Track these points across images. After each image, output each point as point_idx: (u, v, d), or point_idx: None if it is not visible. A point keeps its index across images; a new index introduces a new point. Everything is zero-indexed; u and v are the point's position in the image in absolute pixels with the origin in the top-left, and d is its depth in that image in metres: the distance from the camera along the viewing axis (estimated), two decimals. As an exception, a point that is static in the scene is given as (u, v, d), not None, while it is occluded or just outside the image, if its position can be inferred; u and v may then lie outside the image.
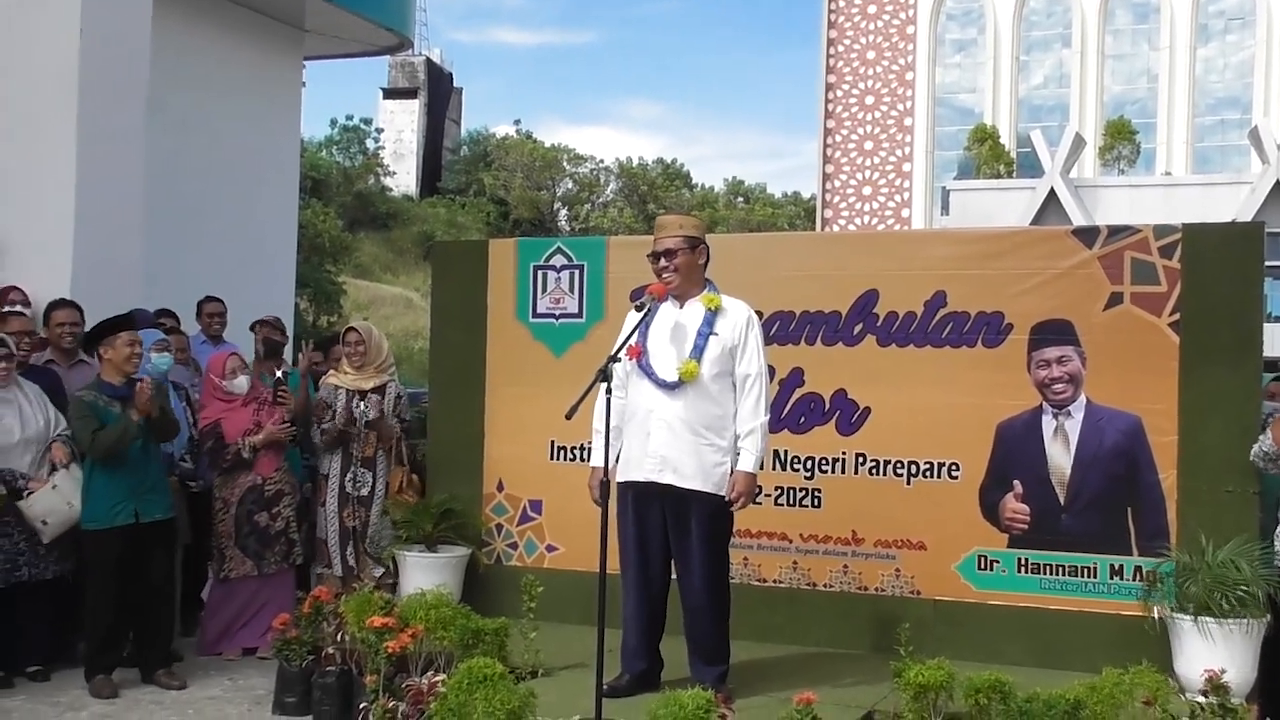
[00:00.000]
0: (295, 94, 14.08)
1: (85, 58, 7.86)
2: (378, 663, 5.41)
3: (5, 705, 6.03)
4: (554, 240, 7.28)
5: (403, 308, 37.96)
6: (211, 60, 12.21)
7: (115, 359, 6.43)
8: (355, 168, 45.71)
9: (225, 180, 12.39)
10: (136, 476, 6.36)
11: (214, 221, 12.06)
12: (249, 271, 12.03)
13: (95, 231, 7.88)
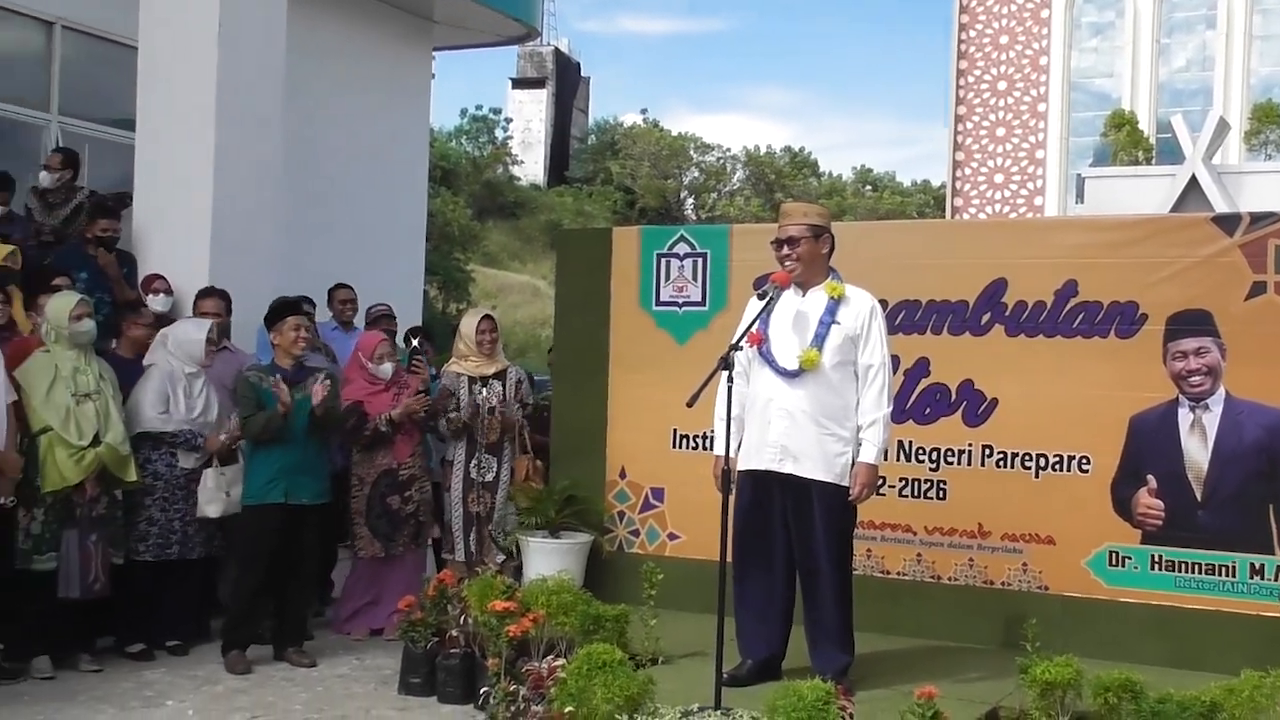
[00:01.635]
0: (425, 84, 14.28)
1: (224, 48, 8.06)
2: (499, 646, 5.48)
3: (147, 677, 6.25)
4: (678, 228, 7.28)
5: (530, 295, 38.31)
6: (344, 51, 12.45)
7: (282, 343, 6.64)
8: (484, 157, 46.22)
9: (357, 169, 12.63)
10: (290, 459, 6.54)
11: (345, 210, 12.30)
12: (379, 259, 12.25)
13: (233, 220, 8.09)
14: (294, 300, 6.92)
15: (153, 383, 6.62)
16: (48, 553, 6.09)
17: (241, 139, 8.16)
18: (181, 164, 8.09)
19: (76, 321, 6.29)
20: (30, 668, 6.13)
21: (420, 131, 14.50)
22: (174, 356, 6.70)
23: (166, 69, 8.19)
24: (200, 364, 6.75)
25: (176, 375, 6.67)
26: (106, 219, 8.01)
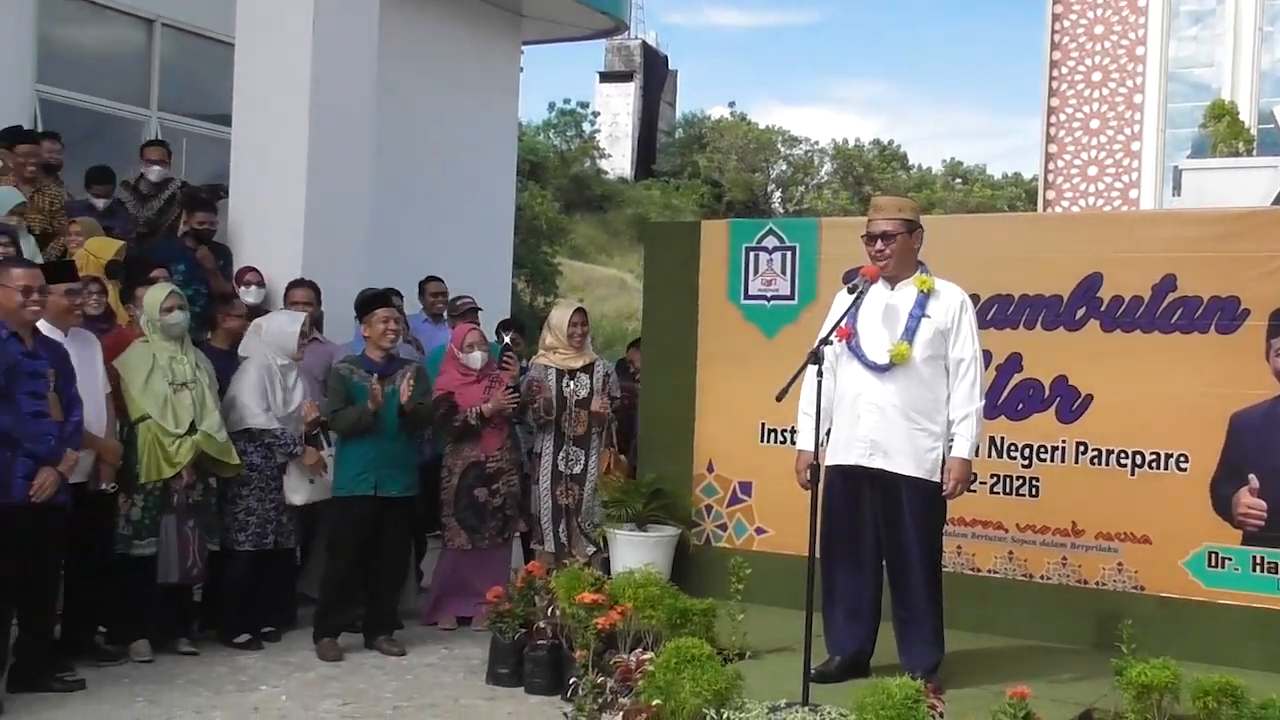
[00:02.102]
0: (513, 78, 14.37)
1: (318, 44, 8.17)
2: (587, 638, 5.50)
3: (241, 662, 6.37)
4: (766, 221, 7.25)
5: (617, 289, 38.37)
6: (434, 46, 12.56)
7: (372, 335, 6.71)
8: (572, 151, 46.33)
9: (446, 163, 12.75)
10: (379, 451, 6.60)
11: (435, 203, 12.42)
12: (468, 252, 12.35)
13: (326, 213, 8.20)
14: (382, 292, 6.99)
15: (251, 378, 6.71)
16: (147, 538, 6.23)
17: (334, 133, 8.26)
18: (276, 158, 8.21)
19: (167, 313, 6.41)
20: (130, 650, 6.27)
21: (509, 126, 14.60)
22: (267, 348, 6.80)
23: (262, 65, 8.32)
24: (292, 357, 6.84)
25: (272, 369, 6.77)
26: (203, 212, 8.16)
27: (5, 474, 5.36)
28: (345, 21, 8.36)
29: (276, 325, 6.89)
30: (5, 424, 5.35)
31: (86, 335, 6.10)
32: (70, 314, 5.94)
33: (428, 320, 8.70)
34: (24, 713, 5.41)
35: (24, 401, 5.42)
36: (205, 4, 10.43)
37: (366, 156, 8.59)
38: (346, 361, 6.78)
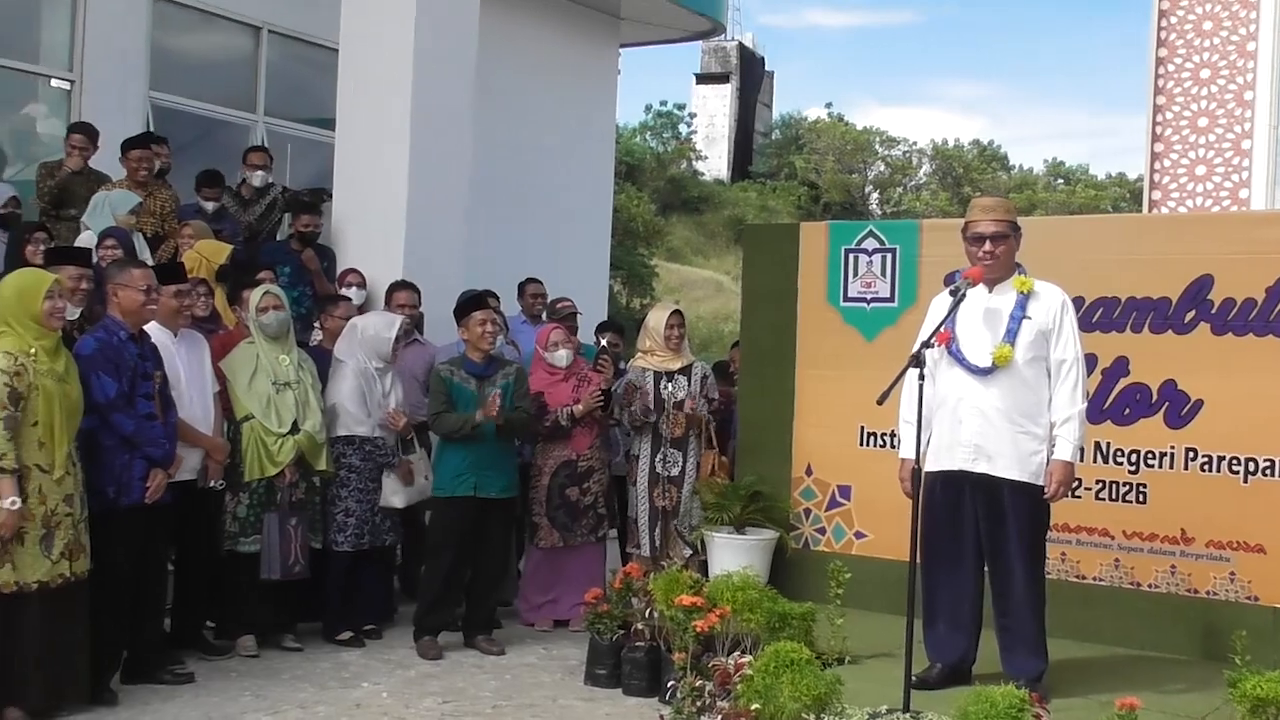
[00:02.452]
0: (611, 81, 14.42)
1: (419, 50, 8.26)
2: (685, 641, 5.49)
3: (344, 658, 6.46)
4: (866, 223, 7.19)
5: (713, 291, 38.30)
6: (532, 48, 12.64)
7: (470, 337, 6.77)
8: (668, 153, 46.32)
9: (544, 165, 12.83)
10: (478, 453, 6.65)
11: (533, 205, 12.50)
12: (565, 254, 12.42)
13: (427, 215, 8.29)
14: (480, 294, 7.04)
15: (347, 383, 6.78)
16: (252, 535, 6.34)
17: (435, 137, 8.35)
18: (378, 162, 8.33)
19: (263, 314, 6.53)
20: (237, 645, 6.40)
21: (607, 128, 14.65)
22: (362, 351, 6.87)
23: (365, 69, 8.44)
24: (387, 360, 6.90)
25: (368, 372, 6.83)
26: (308, 215, 8.31)
27: (126, 476, 5.51)
28: (446, 26, 8.44)
29: (372, 329, 6.94)
30: (130, 429, 5.50)
31: (195, 336, 6.24)
32: (179, 315, 6.07)
33: (526, 321, 8.76)
34: (137, 703, 5.55)
35: (139, 404, 5.57)
36: (310, 11, 10.62)
37: (466, 159, 8.67)
38: (447, 363, 6.84)
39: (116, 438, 5.47)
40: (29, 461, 5.04)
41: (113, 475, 5.47)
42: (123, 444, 5.49)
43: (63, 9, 9.92)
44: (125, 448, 5.50)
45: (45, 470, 5.10)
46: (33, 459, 5.06)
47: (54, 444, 5.12)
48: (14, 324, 5.13)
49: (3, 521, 4.94)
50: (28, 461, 5.04)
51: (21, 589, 5.04)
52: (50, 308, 5.18)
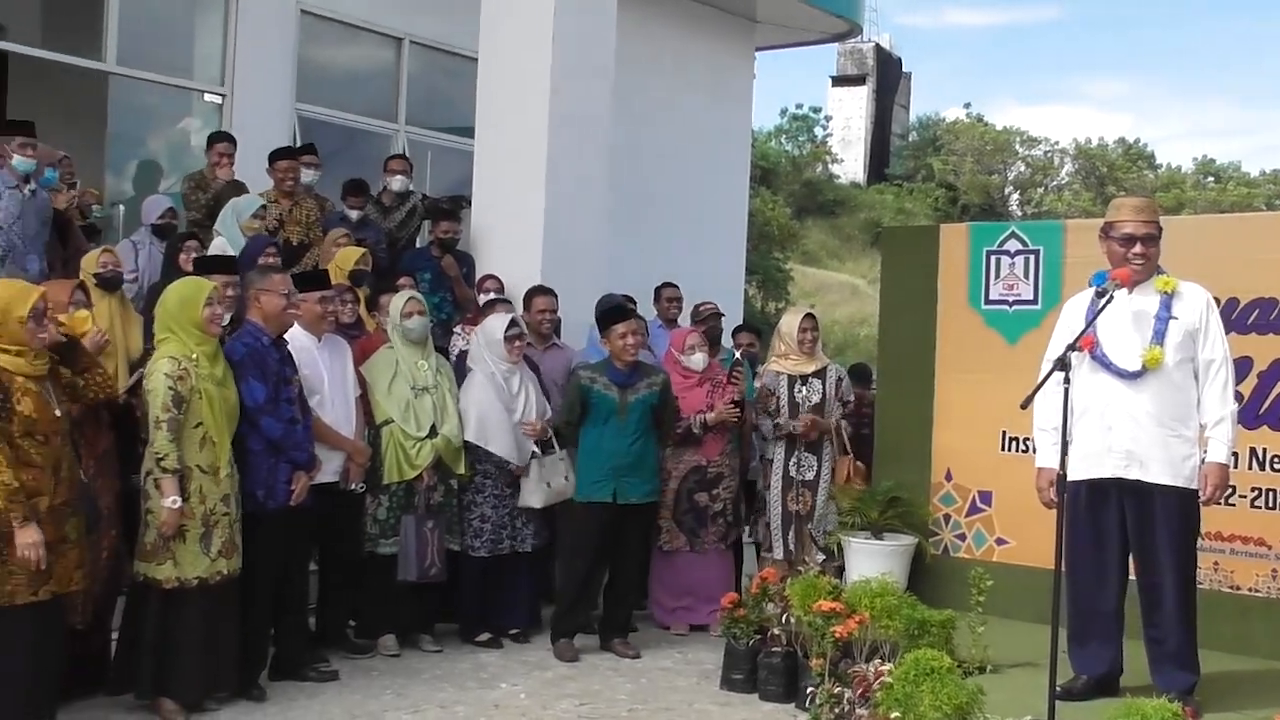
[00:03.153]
0: (747, 85, 14.39)
1: (557, 57, 8.33)
2: (824, 647, 5.44)
3: (483, 660, 6.54)
4: (1008, 224, 7.05)
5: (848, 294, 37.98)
6: (669, 54, 12.68)
7: (613, 349, 6.79)
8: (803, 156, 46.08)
9: (680, 169, 12.85)
10: (618, 460, 6.67)
11: (668, 209, 12.53)
12: (701, 258, 12.41)
13: (564, 221, 8.35)
14: (621, 304, 7.05)
15: (476, 393, 6.84)
16: (391, 538, 6.46)
17: (573, 143, 8.41)
18: (516, 168, 8.42)
19: (407, 319, 6.64)
20: (379, 645, 6.52)
21: (742, 132, 14.63)
22: (487, 354, 6.92)
23: (504, 77, 8.55)
24: (508, 360, 6.93)
25: (496, 377, 6.88)
26: (448, 221, 8.44)
27: (272, 480, 5.67)
28: (584, 33, 8.50)
29: (488, 330, 6.97)
30: (278, 432, 5.65)
31: (338, 341, 6.37)
32: (323, 321, 6.20)
33: (662, 325, 8.77)
34: (284, 699, 5.69)
35: (282, 409, 5.72)
36: (450, 21, 10.80)
37: (603, 164, 8.72)
38: (590, 370, 6.86)
39: (263, 442, 5.62)
40: (190, 462, 5.24)
41: (260, 479, 5.62)
42: (269, 448, 5.64)
43: (215, 25, 10.25)
44: (271, 452, 5.65)
45: (205, 471, 5.29)
46: (194, 460, 5.25)
47: (216, 445, 5.31)
48: (177, 330, 5.35)
49: (166, 520, 5.14)
50: (189, 462, 5.24)
51: (182, 585, 5.23)
52: (210, 314, 5.37)
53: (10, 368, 4.66)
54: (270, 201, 8.10)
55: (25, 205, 7.02)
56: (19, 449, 4.65)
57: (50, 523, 4.71)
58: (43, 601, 4.71)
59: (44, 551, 4.60)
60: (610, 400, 6.70)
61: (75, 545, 4.87)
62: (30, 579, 4.65)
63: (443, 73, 11.82)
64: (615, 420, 6.69)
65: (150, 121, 10.84)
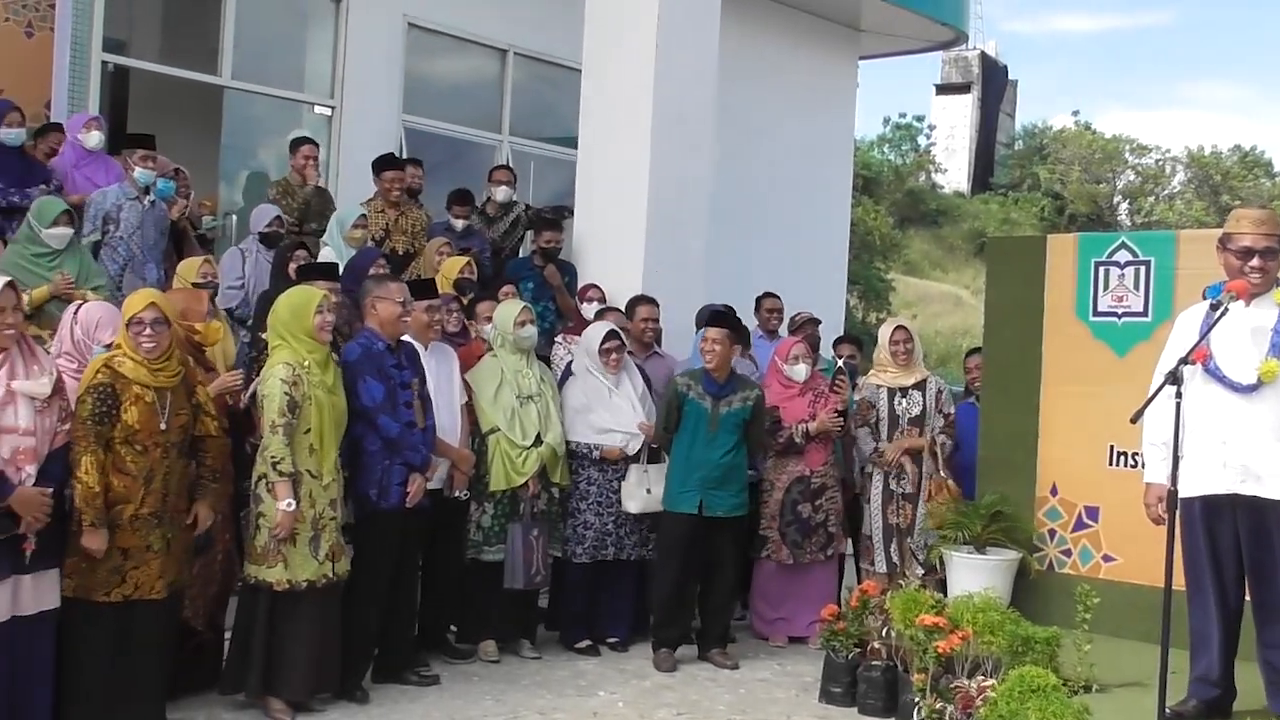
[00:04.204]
0: (850, 94, 14.33)
1: (661, 64, 8.36)
2: (925, 661, 5.39)
3: (581, 667, 6.59)
4: (1118, 235, 6.91)
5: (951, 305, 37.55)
6: (771, 62, 12.67)
7: (700, 351, 6.81)
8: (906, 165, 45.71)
9: (782, 179, 12.83)
10: (706, 472, 6.67)
11: (771, 219, 12.51)
12: (802, 268, 12.37)
13: (666, 230, 8.37)
14: (720, 310, 7.06)
15: (573, 399, 6.91)
16: (495, 545, 6.53)
17: (675, 153, 8.43)
18: (619, 178, 8.46)
19: (520, 328, 6.70)
20: (479, 650, 6.60)
21: (845, 141, 14.57)
22: (588, 361, 6.97)
23: (607, 88, 8.60)
24: (608, 370, 6.94)
25: (593, 383, 6.93)
26: (550, 231, 8.52)
27: (386, 481, 5.78)
28: (687, 44, 8.52)
29: (586, 340, 7.04)
30: (395, 432, 5.76)
31: (445, 349, 6.47)
32: (430, 329, 6.30)
33: (762, 336, 8.76)
34: (386, 702, 5.79)
35: (400, 412, 5.82)
36: (554, 32, 10.90)
37: (706, 174, 8.73)
38: (687, 376, 6.87)
39: (379, 443, 5.74)
40: (301, 467, 5.37)
41: (374, 480, 5.74)
42: (384, 449, 5.75)
43: (325, 39, 10.46)
44: (386, 453, 5.76)
45: (315, 476, 5.41)
46: (304, 465, 5.38)
47: (323, 451, 5.43)
48: (289, 338, 5.48)
49: (280, 522, 5.27)
50: (300, 467, 5.36)
51: (292, 587, 5.35)
52: (320, 322, 5.50)
53: (130, 375, 4.80)
54: (376, 211, 8.24)
55: (145, 216, 7.25)
56: (115, 454, 4.79)
57: (133, 531, 4.85)
58: (121, 604, 4.85)
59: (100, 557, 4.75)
60: (703, 410, 6.70)
61: (159, 555, 4.95)
62: (105, 580, 4.79)
63: (546, 83, 11.93)
64: (706, 431, 6.70)
65: (262, 133, 11.10)
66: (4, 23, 7.84)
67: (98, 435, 4.72)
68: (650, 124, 8.33)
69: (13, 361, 4.58)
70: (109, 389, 4.76)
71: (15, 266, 6.25)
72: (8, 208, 7.12)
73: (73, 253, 6.64)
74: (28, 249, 6.52)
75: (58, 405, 4.71)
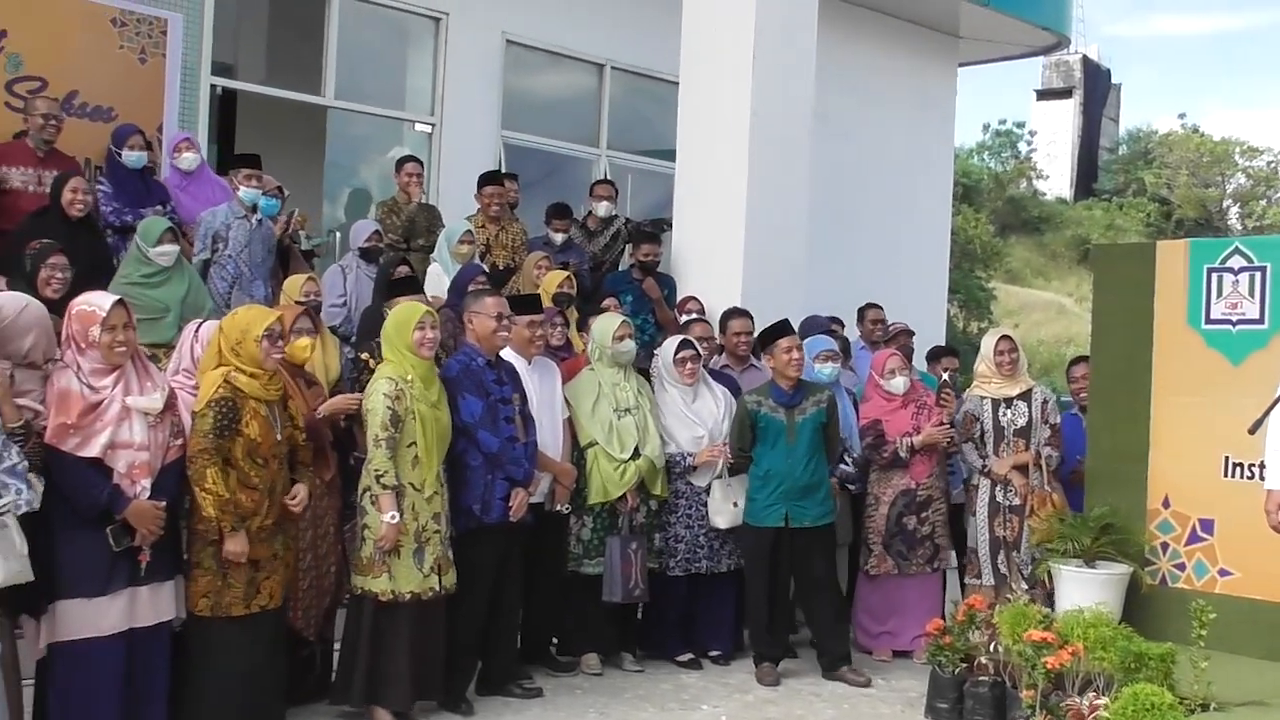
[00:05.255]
0: (949, 101, 14.19)
1: (758, 76, 8.34)
2: (1035, 678, 5.28)
3: (684, 681, 6.56)
4: (1231, 240, 6.73)
5: (1054, 314, 36.97)
6: (869, 71, 12.60)
7: (778, 365, 6.76)
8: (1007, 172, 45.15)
9: (881, 188, 12.73)
10: (789, 483, 6.61)
11: (870, 229, 12.42)
12: (902, 278, 12.26)
13: (765, 242, 8.34)
14: (783, 322, 6.97)
15: (664, 407, 6.89)
16: (595, 558, 6.54)
17: (773, 165, 8.40)
18: (718, 191, 8.45)
19: (619, 342, 6.71)
20: (581, 663, 6.61)
21: (944, 149, 14.42)
22: (667, 375, 6.94)
23: (705, 100, 8.60)
24: (683, 382, 6.90)
25: (676, 396, 6.91)
26: (649, 244, 8.53)
27: (489, 496, 5.82)
28: (784, 55, 8.49)
29: (663, 352, 7.03)
30: (495, 447, 5.80)
31: (548, 364, 6.51)
32: (532, 344, 6.34)
33: (865, 347, 8.69)
34: (490, 714, 5.82)
35: (501, 427, 5.86)
36: (651, 46, 10.93)
37: (803, 185, 8.68)
38: (755, 393, 6.79)
39: (481, 458, 5.78)
40: (404, 480, 5.43)
41: (477, 494, 5.79)
42: (486, 464, 5.79)
43: (425, 58, 10.60)
44: (488, 468, 5.80)
45: (418, 489, 5.48)
46: (407, 478, 5.45)
47: (426, 465, 5.49)
48: (393, 354, 5.55)
49: (384, 534, 5.34)
50: (403, 480, 5.42)
51: (396, 598, 5.41)
52: (420, 338, 5.56)
53: (246, 389, 4.89)
54: (478, 227, 8.32)
55: (252, 234, 7.40)
56: (239, 469, 4.89)
57: (260, 541, 4.94)
58: (254, 615, 4.95)
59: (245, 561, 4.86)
60: (778, 423, 6.65)
61: (283, 563, 5.10)
62: (244, 593, 4.90)
63: (643, 97, 11.97)
64: (784, 443, 6.64)
65: (364, 152, 11.29)
66: (119, 50, 8.07)
67: (218, 449, 4.82)
68: (747, 135, 8.31)
69: (127, 378, 4.70)
70: (231, 403, 4.86)
71: (125, 286, 6.41)
72: (121, 226, 7.31)
73: (181, 271, 6.79)
74: (137, 269, 6.68)
75: (170, 421, 4.82)
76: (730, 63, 8.42)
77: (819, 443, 6.71)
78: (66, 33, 7.94)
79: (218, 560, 4.85)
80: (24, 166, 7.10)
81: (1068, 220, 43.90)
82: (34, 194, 7.07)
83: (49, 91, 7.70)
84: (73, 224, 6.78)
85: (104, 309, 4.65)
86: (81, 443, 4.57)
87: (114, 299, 4.73)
